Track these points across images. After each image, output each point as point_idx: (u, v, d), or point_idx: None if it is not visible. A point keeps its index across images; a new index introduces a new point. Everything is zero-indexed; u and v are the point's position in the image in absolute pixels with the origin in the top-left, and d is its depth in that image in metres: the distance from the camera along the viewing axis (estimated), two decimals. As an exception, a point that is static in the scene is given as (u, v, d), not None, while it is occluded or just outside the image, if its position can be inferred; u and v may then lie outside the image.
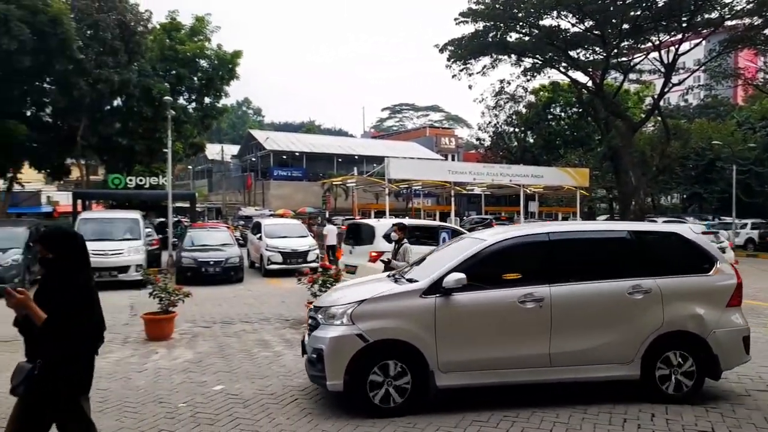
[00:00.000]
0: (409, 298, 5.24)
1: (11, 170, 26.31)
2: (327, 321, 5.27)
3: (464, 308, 5.23)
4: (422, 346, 5.08)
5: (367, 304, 5.20)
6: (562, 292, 5.33)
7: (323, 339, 5.15)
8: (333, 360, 5.06)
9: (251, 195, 53.61)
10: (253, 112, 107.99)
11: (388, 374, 5.07)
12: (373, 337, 5.05)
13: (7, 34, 20.82)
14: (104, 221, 16.35)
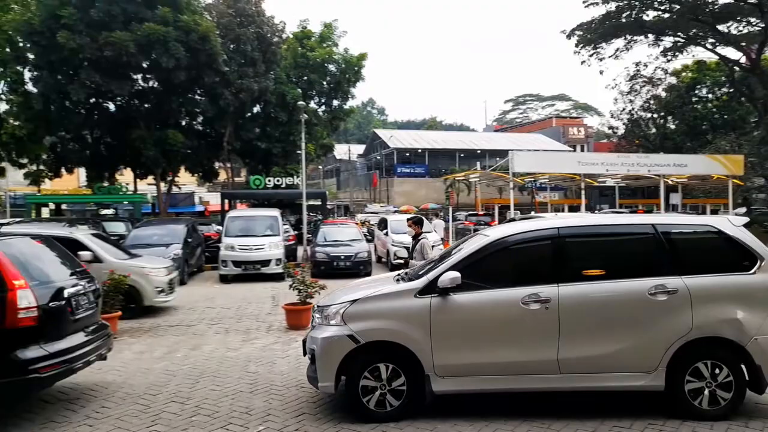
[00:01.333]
0: (403, 298, 4.98)
1: (171, 174, 29.78)
2: (324, 321, 5.17)
3: (462, 309, 4.90)
4: (416, 348, 4.84)
5: (359, 304, 5.03)
6: (572, 293, 4.89)
7: (316, 339, 5.08)
8: (324, 361, 4.95)
9: (376, 192, 55.26)
10: (377, 111, 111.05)
11: (381, 378, 4.88)
12: (364, 338, 4.88)
13: (167, 53, 23.58)
14: (248, 219, 17.89)
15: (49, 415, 5.21)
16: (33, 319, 4.84)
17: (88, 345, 5.53)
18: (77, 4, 22.94)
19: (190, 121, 29.83)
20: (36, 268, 5.31)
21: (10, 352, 4.72)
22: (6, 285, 4.74)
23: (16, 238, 6.02)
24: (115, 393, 5.85)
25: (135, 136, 25.78)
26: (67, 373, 5.31)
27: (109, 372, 6.66)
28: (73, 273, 5.90)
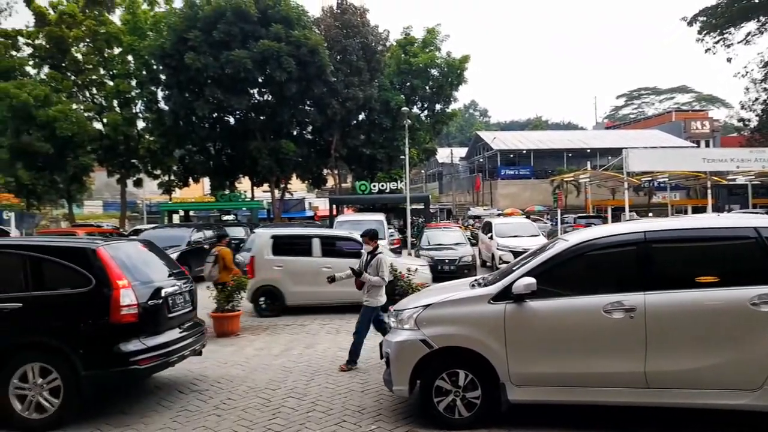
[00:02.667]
0: (476, 304, 4.86)
1: (283, 181, 31.53)
2: (398, 325, 5.16)
3: (538, 317, 4.69)
4: (491, 355, 4.70)
5: (432, 309, 4.98)
6: (661, 301, 4.49)
7: (390, 343, 5.10)
8: (398, 365, 4.96)
9: (479, 195, 54.49)
10: (479, 113, 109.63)
11: (456, 384, 4.80)
12: (437, 343, 4.83)
13: (279, 67, 25.05)
14: (355, 223, 18.44)
15: (184, 405, 5.75)
16: (134, 316, 5.32)
17: (183, 341, 5.98)
18: (202, 27, 25.07)
19: (301, 130, 31.40)
20: (138, 270, 5.81)
21: (113, 345, 5.22)
22: (111, 284, 5.27)
23: (123, 242, 6.77)
24: (239, 387, 6.32)
25: (252, 146, 27.63)
26: (163, 366, 5.80)
27: (234, 366, 7.21)
28: (172, 274, 6.38)
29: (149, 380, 6.63)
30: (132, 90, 30.02)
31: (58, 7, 29.10)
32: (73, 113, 27.02)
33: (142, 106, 30.84)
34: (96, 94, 30.71)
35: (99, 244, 5.77)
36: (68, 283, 5.37)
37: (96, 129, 29.18)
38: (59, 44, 28.45)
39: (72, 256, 5.51)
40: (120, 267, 5.49)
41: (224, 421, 5.24)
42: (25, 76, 28.48)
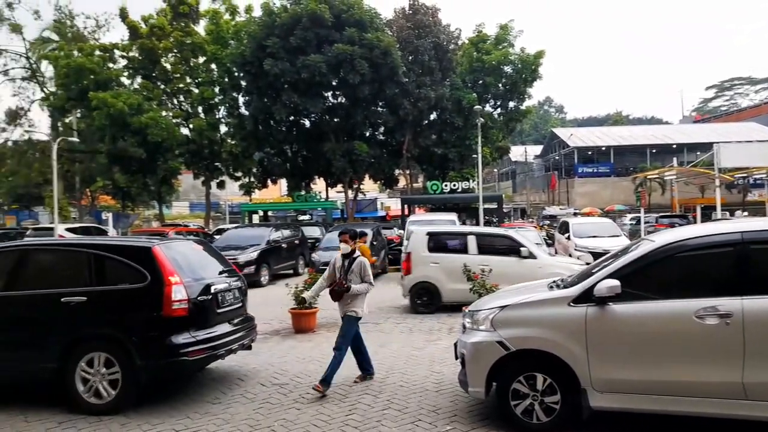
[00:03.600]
0: (555, 306, 4.71)
1: (356, 182, 32.08)
2: (473, 326, 5.11)
3: (622, 321, 4.48)
4: (571, 359, 4.53)
5: (509, 310, 4.90)
6: (761, 307, 4.15)
7: (466, 344, 5.06)
8: (474, 366, 4.95)
9: (555, 194, 52.83)
10: (554, 110, 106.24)
11: (534, 388, 4.70)
12: (514, 345, 4.75)
13: (353, 70, 25.53)
14: (428, 223, 18.39)
15: (266, 397, 6.03)
16: (184, 310, 5.67)
17: (232, 335, 6.28)
18: (280, 33, 26.02)
19: (373, 131, 31.81)
20: (190, 267, 6.16)
21: (165, 337, 5.59)
22: (164, 281, 5.63)
23: (177, 241, 7.23)
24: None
25: (326, 148, 28.34)
26: (211, 358, 6.10)
27: (311, 362, 7.46)
28: (222, 272, 6.70)
29: (233, 372, 7.01)
30: (215, 96, 31.65)
31: (149, 21, 31.19)
32: (163, 120, 28.88)
33: (224, 111, 32.44)
34: (183, 101, 32.65)
35: (154, 243, 6.16)
36: (126, 279, 5.79)
37: (183, 134, 31.02)
38: (150, 55, 30.50)
39: (130, 254, 5.95)
40: (173, 264, 5.85)
41: (303, 414, 5.45)
42: (120, 86, 30.75)
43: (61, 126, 34.49)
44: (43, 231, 22.67)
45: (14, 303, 5.97)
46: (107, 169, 31.10)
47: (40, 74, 34.71)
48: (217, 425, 5.20)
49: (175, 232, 20.84)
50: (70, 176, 35.04)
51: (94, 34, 34.44)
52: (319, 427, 5.11)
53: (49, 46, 34.40)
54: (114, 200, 36.28)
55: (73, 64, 28.75)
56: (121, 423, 5.28)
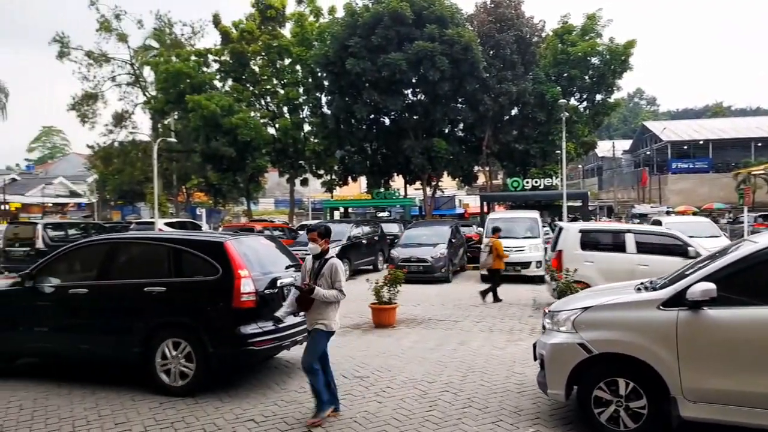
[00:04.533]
0: (643, 309, 4.50)
1: (435, 179, 32.05)
2: (553, 326, 4.99)
3: (719, 326, 4.22)
4: (660, 365, 4.32)
5: (592, 311, 4.73)
6: None
7: (545, 345, 4.95)
8: (553, 368, 4.83)
9: (645, 191, 49.97)
10: (646, 102, 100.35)
11: (618, 393, 4.51)
12: (597, 348, 4.59)
13: (433, 67, 25.51)
14: (508, 220, 18.15)
15: (348, 389, 6.24)
16: (252, 302, 5.97)
17: (297, 327, 6.48)
18: (361, 33, 26.49)
19: (452, 128, 31.62)
20: (258, 262, 6.47)
21: (235, 328, 5.91)
22: (234, 274, 5.95)
23: (248, 236, 7.58)
24: (398, 376, 6.68)
25: (405, 145, 28.53)
26: (276, 349, 6.36)
27: (391, 357, 7.62)
28: (289, 267, 6.98)
29: (318, 363, 7.30)
30: (299, 97, 32.78)
31: (239, 26, 32.79)
32: (251, 120, 30.33)
33: (308, 111, 33.54)
34: (270, 102, 34.10)
35: (226, 238, 6.53)
36: (201, 272, 6.18)
37: (270, 134, 32.40)
38: (240, 59, 32.11)
39: (204, 249, 6.34)
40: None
41: (384, 408, 5.59)
42: (213, 89, 32.59)
43: (160, 127, 37.14)
44: (145, 225, 24.54)
45: (107, 291, 6.55)
46: (201, 167, 33.11)
47: (142, 79, 37.51)
48: (303, 413, 5.46)
49: (262, 227, 21.83)
50: (168, 174, 37.67)
51: (190, 41, 36.75)
52: (399, 421, 5.23)
53: (151, 53, 37.09)
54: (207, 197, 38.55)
55: (171, 69, 30.84)
56: (215, 407, 5.67)
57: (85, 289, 6.59)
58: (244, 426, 5.15)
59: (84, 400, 5.93)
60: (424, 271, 15.87)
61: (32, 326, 6.79)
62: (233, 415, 5.42)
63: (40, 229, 18.16)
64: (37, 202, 51.23)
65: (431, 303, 12.24)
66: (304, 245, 17.50)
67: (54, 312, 6.71)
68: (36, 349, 6.97)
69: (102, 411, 5.60)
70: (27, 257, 16.26)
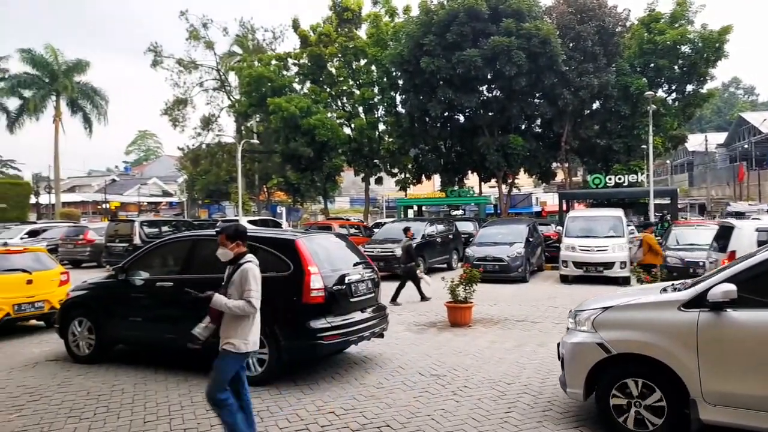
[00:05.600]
0: (663, 309, 4.48)
1: (510, 176, 31.39)
2: (575, 326, 5.02)
3: (742, 328, 4.13)
4: (679, 367, 4.28)
5: (612, 311, 4.74)
6: None
7: (566, 344, 4.99)
8: (572, 366, 4.88)
9: (743, 187, 46.27)
10: (743, 92, 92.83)
11: (637, 393, 4.49)
12: (616, 348, 4.59)
13: (509, 62, 24.99)
14: (589, 219, 17.46)
15: (425, 387, 6.28)
16: (321, 298, 6.23)
17: (365, 323, 6.76)
18: (436, 31, 26.42)
19: (529, 124, 30.82)
20: (328, 259, 6.71)
21: (305, 322, 6.18)
22: (304, 270, 6.23)
23: (318, 234, 7.93)
24: (475, 376, 6.65)
25: (480, 143, 28.16)
26: (344, 344, 6.60)
27: (468, 356, 7.58)
28: (357, 264, 7.20)
29: (393, 360, 7.40)
30: (374, 97, 33.20)
31: (317, 29, 33.69)
32: (328, 121, 31.11)
33: (383, 110, 33.91)
34: (346, 102, 34.79)
35: (298, 236, 6.80)
36: (274, 268, 6.42)
37: (346, 134, 33.08)
38: (318, 61, 33.00)
39: (277, 246, 6.64)
40: (313, 256, 6.43)
41: (461, 407, 5.58)
42: (292, 91, 33.72)
43: (244, 129, 38.92)
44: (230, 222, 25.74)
45: (192, 284, 6.89)
46: (281, 167, 34.36)
47: (227, 84, 39.50)
48: (381, 408, 5.56)
49: (339, 225, 22.32)
50: (250, 174, 39.42)
51: (271, 45, 38.22)
52: (477, 420, 5.21)
53: (235, 58, 38.95)
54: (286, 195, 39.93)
55: (254, 74, 32.22)
56: (297, 398, 5.90)
57: (170, 282, 7.09)
58: (325, 418, 5.33)
59: (178, 387, 6.36)
60: (500, 270, 15.63)
61: (126, 316, 7.38)
62: (314, 407, 5.62)
63: (137, 226, 19.60)
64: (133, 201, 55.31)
65: (507, 303, 12.04)
66: (378, 243, 17.83)
67: (144, 303, 7.27)
68: (130, 337, 7.56)
69: (194, 397, 5.98)
70: (125, 252, 17.57)
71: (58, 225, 26.07)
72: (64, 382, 6.63)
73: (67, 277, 10.02)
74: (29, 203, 42.65)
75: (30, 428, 5.15)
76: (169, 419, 5.37)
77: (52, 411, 5.64)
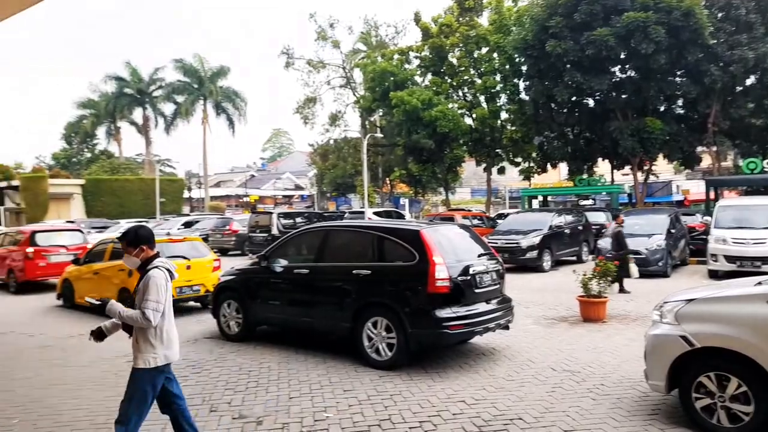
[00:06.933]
0: (751, 302, 4.36)
1: (647, 162, 29.02)
2: (659, 318, 4.94)
3: None
4: (766, 362, 4.10)
5: (696, 304, 4.67)
6: None
7: (648, 336, 4.97)
8: (653, 359, 4.85)
9: None
10: None
11: (721, 389, 4.36)
12: (699, 342, 4.48)
13: (646, 39, 23.05)
14: (744, 208, 15.68)
15: (558, 383, 6.12)
16: (446, 288, 6.35)
17: (489, 314, 6.80)
18: (563, 12, 25.14)
19: (669, 105, 28.20)
20: (452, 249, 6.81)
21: (430, 311, 6.32)
22: (429, 260, 6.37)
23: (443, 225, 8.17)
24: (612, 374, 6.35)
25: (612, 127, 26.35)
26: (469, 334, 6.69)
27: (604, 353, 7.25)
28: (481, 255, 7.23)
29: (523, 353, 7.29)
30: (496, 85, 32.46)
31: (438, 20, 33.68)
32: (450, 112, 31.02)
33: (505, 98, 33.06)
34: (467, 92, 34.43)
35: (422, 227, 6.97)
36: (400, 258, 6.71)
37: (467, 124, 32.76)
38: (439, 53, 33.00)
39: (403, 236, 6.84)
40: (437, 246, 6.53)
41: (599, 405, 5.37)
42: (414, 84, 34.07)
43: (368, 124, 40.15)
44: (357, 214, 26.91)
45: (322, 272, 7.48)
46: (403, 160, 34.96)
47: (352, 81, 40.93)
48: (512, 401, 5.54)
49: (462, 216, 22.28)
50: (374, 167, 40.60)
51: (393, 40, 38.92)
52: (617, 420, 5.00)
53: (359, 55, 40.25)
54: (408, 187, 40.59)
55: (377, 69, 33.06)
56: (428, 385, 6.07)
57: (306, 270, 7.66)
58: (456, 406, 5.43)
59: (317, 367, 6.84)
60: (637, 263, 14.59)
61: (268, 299, 8.06)
62: (445, 395, 5.74)
63: (275, 218, 21.25)
64: (269, 195, 59.71)
65: (647, 299, 11.22)
66: (502, 234, 17.53)
67: (283, 288, 7.91)
68: (271, 319, 8.23)
69: (332, 378, 6.40)
70: (265, 242, 19.09)
71: (207, 217, 29.01)
72: (219, 358, 7.42)
73: (218, 264, 11.16)
74: (183, 197, 47.85)
75: (194, 396, 5.86)
76: (311, 397, 5.81)
77: (210, 383, 6.36)
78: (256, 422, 5.16)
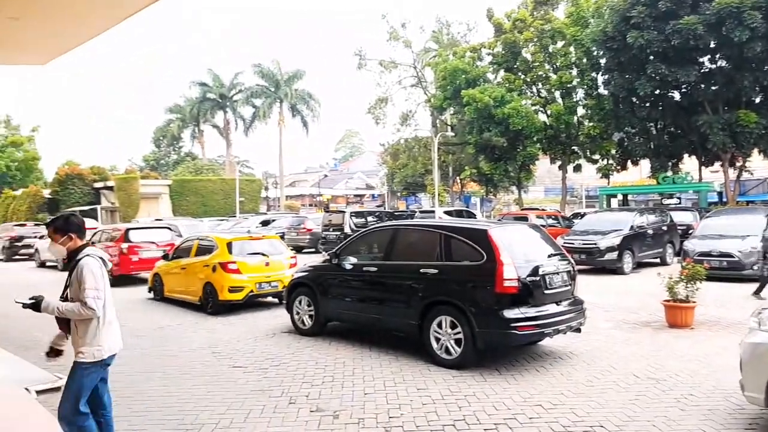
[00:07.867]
0: None
1: (740, 158, 26.96)
2: (758, 325, 4.64)
3: None
4: None
5: None
6: None
7: (745, 344, 4.64)
8: (750, 369, 4.55)
9: None
10: None
11: None
12: None
13: (739, 25, 21.45)
14: None
15: (641, 390, 5.83)
16: (514, 288, 6.27)
17: (560, 316, 6.64)
18: (645, 1, 23.87)
19: (765, 97, 26.06)
20: (521, 249, 6.72)
21: (498, 311, 6.25)
22: (497, 260, 6.31)
23: (511, 225, 8.09)
24: (703, 383, 5.98)
25: (701, 121, 24.71)
26: (538, 335, 6.56)
27: (692, 361, 6.83)
28: (552, 255, 7.06)
29: (602, 358, 7.01)
30: (573, 80, 31.30)
31: (512, 16, 32.95)
32: (523, 108, 30.28)
33: (582, 94, 31.83)
34: (541, 88, 33.44)
35: (490, 226, 6.89)
36: (467, 257, 6.66)
37: (541, 121, 31.83)
38: (512, 48, 32.28)
39: (470, 236, 6.79)
40: (505, 246, 6.43)
41: (688, 416, 5.08)
42: (486, 81, 33.54)
43: (438, 123, 39.97)
44: (427, 213, 26.88)
45: (392, 270, 7.54)
46: (474, 158, 34.50)
47: (423, 80, 40.87)
48: (592, 407, 5.34)
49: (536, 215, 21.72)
50: (444, 166, 40.37)
51: (464, 38, 38.48)
52: (708, 433, 4.70)
53: (430, 54, 40.13)
54: (479, 186, 40.04)
55: (449, 67, 32.81)
56: (503, 387, 5.97)
57: (375, 268, 7.78)
58: (532, 410, 5.31)
59: (390, 364, 6.90)
60: (728, 267, 13.65)
61: (338, 296, 8.25)
62: (520, 398, 5.63)
63: (347, 217, 21.66)
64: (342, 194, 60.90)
65: (740, 305, 10.45)
66: (579, 235, 16.91)
67: (352, 285, 8.09)
68: (342, 315, 8.40)
69: (405, 376, 6.44)
70: (338, 240, 19.47)
71: (284, 215, 30.02)
72: (296, 352, 7.66)
73: (295, 261, 11.52)
74: (260, 197, 49.78)
75: (274, 388, 6.09)
76: (385, 393, 5.87)
77: (289, 376, 6.58)
78: (332, 416, 5.28)
